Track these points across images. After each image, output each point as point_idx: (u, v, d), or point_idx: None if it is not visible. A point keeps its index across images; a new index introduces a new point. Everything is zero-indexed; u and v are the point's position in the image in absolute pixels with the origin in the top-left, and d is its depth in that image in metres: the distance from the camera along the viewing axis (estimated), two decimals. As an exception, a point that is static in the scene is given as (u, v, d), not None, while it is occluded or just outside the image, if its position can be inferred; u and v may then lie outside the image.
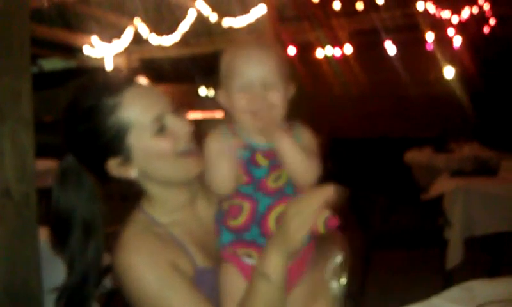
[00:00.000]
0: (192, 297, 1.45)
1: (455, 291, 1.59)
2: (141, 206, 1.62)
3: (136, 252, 1.48)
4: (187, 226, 1.61)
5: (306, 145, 1.50)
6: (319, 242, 1.54)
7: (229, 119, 1.53)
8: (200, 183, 1.67)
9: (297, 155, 1.44)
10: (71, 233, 1.56)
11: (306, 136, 1.54)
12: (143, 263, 1.46)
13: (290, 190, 1.49)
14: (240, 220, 1.46)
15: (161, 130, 1.51)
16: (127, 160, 1.52)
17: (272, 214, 1.44)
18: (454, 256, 4.00)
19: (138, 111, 1.50)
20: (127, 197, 1.65)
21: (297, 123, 1.57)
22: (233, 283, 1.47)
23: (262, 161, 1.47)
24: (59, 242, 1.58)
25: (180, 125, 1.55)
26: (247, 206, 1.46)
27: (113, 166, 1.53)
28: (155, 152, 1.51)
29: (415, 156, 7.02)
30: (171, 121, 1.54)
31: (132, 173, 1.54)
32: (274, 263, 1.36)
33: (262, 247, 1.44)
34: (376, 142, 9.93)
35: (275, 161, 1.47)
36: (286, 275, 1.40)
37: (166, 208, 1.60)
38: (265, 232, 1.44)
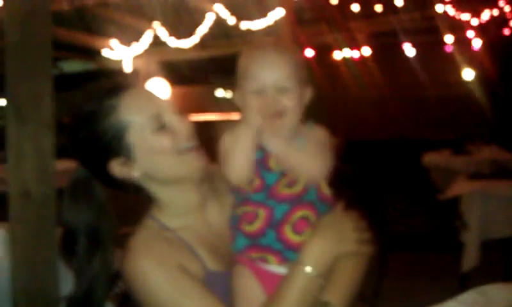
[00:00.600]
0: (204, 298, 1.44)
1: (470, 295, 1.58)
2: (151, 213, 1.63)
3: (145, 257, 1.48)
4: (197, 231, 1.61)
5: (316, 144, 1.50)
6: None
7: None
8: (210, 187, 1.70)
9: (296, 156, 1.45)
10: (78, 244, 1.58)
11: (317, 133, 1.55)
12: (152, 267, 1.46)
13: (312, 196, 1.49)
14: (256, 226, 1.46)
15: (161, 127, 1.53)
16: (128, 159, 1.54)
17: (290, 220, 1.45)
18: (470, 259, 3.97)
19: (136, 110, 1.53)
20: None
21: (309, 122, 1.57)
22: (248, 286, 1.48)
23: (274, 165, 1.48)
24: (67, 252, 1.61)
25: (179, 123, 1.57)
26: (262, 212, 1.46)
27: (116, 167, 1.55)
28: (156, 149, 1.53)
29: (433, 158, 6.97)
30: (171, 119, 1.56)
31: (135, 172, 1.55)
32: (320, 258, 1.43)
33: (279, 252, 1.44)
34: (393, 145, 9.87)
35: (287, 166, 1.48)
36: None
37: (175, 212, 1.61)
38: (281, 238, 1.44)
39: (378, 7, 8.92)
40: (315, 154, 1.47)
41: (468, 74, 9.47)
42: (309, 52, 9.24)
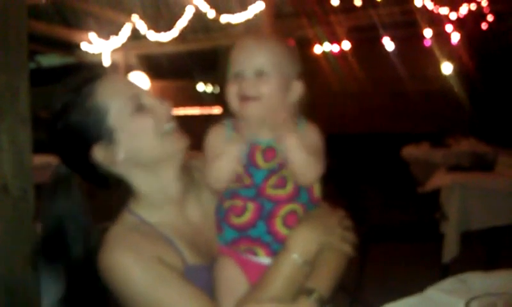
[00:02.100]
0: (183, 288, 1.43)
1: (450, 283, 1.59)
2: (129, 207, 1.61)
3: (122, 251, 1.46)
4: (175, 224, 1.59)
5: (309, 143, 1.49)
6: None
7: (234, 115, 1.54)
8: (188, 181, 1.68)
9: (301, 153, 1.44)
10: (62, 244, 1.55)
11: (311, 133, 1.54)
12: (129, 260, 1.44)
13: (303, 198, 1.49)
14: (245, 218, 1.46)
15: (139, 108, 1.52)
16: (111, 143, 1.52)
17: (279, 213, 1.45)
18: (451, 250, 4.01)
19: (113, 93, 1.52)
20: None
21: (302, 118, 1.57)
22: (232, 277, 1.47)
23: (261, 162, 1.47)
24: (51, 253, 1.58)
25: (159, 104, 1.56)
26: (251, 206, 1.46)
27: (99, 152, 1.52)
28: (137, 130, 1.52)
29: (412, 151, 7.02)
30: (149, 101, 1.56)
31: (118, 156, 1.52)
32: (307, 247, 1.43)
33: (268, 244, 1.44)
34: (373, 138, 9.94)
35: (275, 164, 1.47)
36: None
37: (154, 205, 1.59)
38: (272, 230, 1.44)
39: (358, 1, 8.95)
40: (309, 153, 1.46)
41: (446, 68, 9.55)
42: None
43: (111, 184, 1.59)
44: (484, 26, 9.30)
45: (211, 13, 9.01)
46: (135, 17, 10.13)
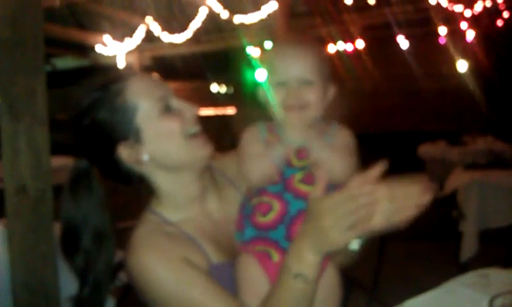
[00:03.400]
0: (210, 288, 1.42)
1: (470, 277, 1.58)
2: (151, 207, 1.61)
3: (148, 253, 1.47)
4: (198, 223, 1.60)
5: (340, 144, 1.50)
6: None
7: (268, 117, 1.55)
8: (210, 180, 1.69)
9: (327, 154, 1.44)
10: (81, 242, 1.56)
11: (342, 135, 1.55)
12: (155, 262, 1.44)
13: None
14: (269, 218, 1.45)
15: (167, 109, 1.52)
16: (137, 142, 1.52)
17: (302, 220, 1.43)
18: (469, 248, 3.99)
19: (142, 93, 1.52)
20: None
21: (334, 121, 1.57)
22: (253, 274, 1.47)
23: (295, 161, 1.48)
24: (70, 251, 1.58)
25: (186, 107, 1.57)
26: (277, 205, 1.45)
27: (124, 151, 1.52)
28: (164, 132, 1.52)
29: (429, 150, 6.98)
30: (177, 103, 1.56)
31: (143, 155, 1.52)
32: (311, 263, 1.27)
33: (284, 250, 1.41)
34: (388, 137, 9.88)
35: (307, 163, 1.47)
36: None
37: (175, 204, 1.59)
38: (291, 236, 1.43)
39: (371, 0, 8.91)
40: (341, 154, 1.46)
41: (462, 66, 9.47)
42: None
43: (132, 182, 1.59)
44: (499, 23, 9.21)
45: (224, 14, 9.02)
46: (149, 19, 10.16)
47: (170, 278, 1.43)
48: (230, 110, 12.22)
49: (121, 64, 11.44)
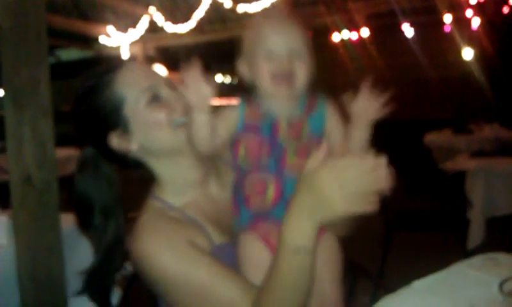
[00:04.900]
0: (216, 269, 1.42)
1: (478, 260, 1.57)
2: (153, 193, 1.64)
3: (153, 238, 1.48)
4: (200, 205, 1.62)
5: (332, 115, 1.54)
6: None
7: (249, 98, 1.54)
8: (211, 165, 1.70)
9: (331, 124, 1.49)
10: (92, 216, 1.62)
11: (331, 106, 1.57)
12: (161, 246, 1.45)
13: None
14: (268, 198, 1.44)
15: (155, 100, 1.55)
16: (126, 132, 1.57)
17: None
18: (476, 236, 3.98)
19: (130, 83, 1.56)
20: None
21: (320, 94, 1.57)
22: (256, 251, 1.46)
23: (285, 133, 1.46)
24: (83, 224, 1.65)
25: (174, 96, 1.58)
26: (272, 183, 1.44)
27: (114, 140, 1.58)
28: (150, 122, 1.55)
29: (435, 138, 6.96)
30: (166, 93, 1.58)
31: (132, 145, 1.57)
32: (311, 234, 1.22)
33: None
34: (394, 125, 9.83)
35: (298, 137, 1.46)
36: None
37: (176, 189, 1.62)
38: None
39: (376, -12, 8.87)
40: (337, 124, 1.49)
41: (467, 53, 9.40)
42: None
43: (130, 166, 1.65)
44: (505, 10, 9.13)
45: (228, 3, 8.99)
46: (152, 9, 10.15)
47: (176, 261, 1.43)
48: (235, 101, 12.18)
49: (125, 55, 11.43)
